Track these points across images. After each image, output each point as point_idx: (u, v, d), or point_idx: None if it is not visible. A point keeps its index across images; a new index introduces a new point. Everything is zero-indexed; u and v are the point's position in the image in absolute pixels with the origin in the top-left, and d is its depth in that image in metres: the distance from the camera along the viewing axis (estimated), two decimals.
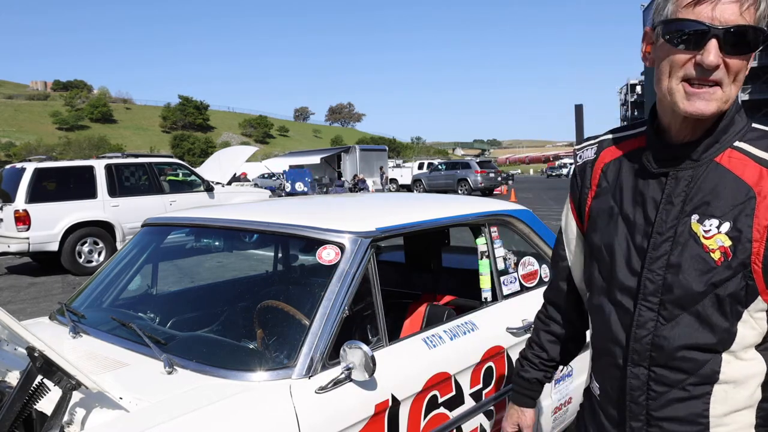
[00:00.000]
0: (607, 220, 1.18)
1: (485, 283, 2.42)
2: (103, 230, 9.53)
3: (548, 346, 1.44)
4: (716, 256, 1.03)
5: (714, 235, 1.04)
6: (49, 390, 1.51)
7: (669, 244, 1.07)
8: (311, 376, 1.67)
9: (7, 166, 10.08)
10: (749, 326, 1.06)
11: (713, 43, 0.97)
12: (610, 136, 1.26)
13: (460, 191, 26.81)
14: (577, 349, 1.48)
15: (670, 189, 1.09)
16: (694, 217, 1.06)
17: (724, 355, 1.07)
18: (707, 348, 1.06)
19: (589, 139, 1.31)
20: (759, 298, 1.04)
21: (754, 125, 1.10)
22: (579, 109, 13.66)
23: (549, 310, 1.45)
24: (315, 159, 31.68)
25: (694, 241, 1.05)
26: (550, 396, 2.48)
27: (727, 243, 1.03)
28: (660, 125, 1.12)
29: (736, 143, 1.07)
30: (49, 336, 2.02)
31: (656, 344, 1.09)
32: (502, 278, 2.44)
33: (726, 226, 1.03)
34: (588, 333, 1.35)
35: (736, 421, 1.10)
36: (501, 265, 2.46)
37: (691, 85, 1.01)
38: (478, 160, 31.59)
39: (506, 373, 2.24)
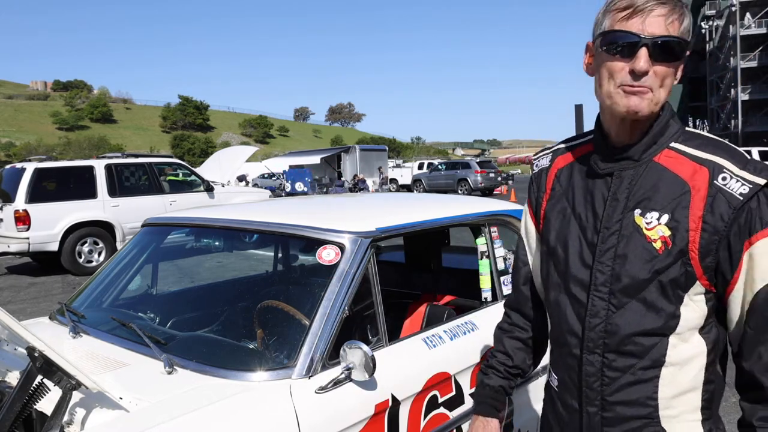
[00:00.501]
0: (561, 219, 1.29)
1: (485, 283, 2.43)
2: (103, 230, 9.54)
3: (513, 353, 1.45)
4: (658, 245, 1.14)
5: (655, 226, 1.14)
6: (49, 390, 1.52)
7: (615, 237, 1.18)
8: (311, 376, 1.67)
9: (7, 166, 10.09)
10: (690, 309, 1.15)
11: (643, 51, 1.10)
12: (563, 145, 1.38)
13: (460, 191, 26.81)
14: (540, 355, 1.49)
15: (615, 187, 1.20)
16: (637, 211, 1.17)
17: (671, 339, 1.16)
18: (654, 332, 1.15)
19: (545, 149, 1.43)
20: (697, 282, 1.14)
21: (687, 129, 1.21)
22: (579, 109, 13.66)
23: (512, 317, 1.48)
24: (315, 159, 31.67)
25: (638, 233, 1.16)
26: None
27: (667, 233, 1.13)
28: (604, 131, 1.24)
29: (672, 144, 1.19)
30: (49, 336, 2.02)
31: (609, 331, 1.18)
32: (502, 278, 2.44)
33: (665, 218, 1.14)
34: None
35: (683, 403, 1.18)
36: (501, 265, 2.46)
37: (627, 87, 1.14)
38: (478, 160, 31.59)
39: None
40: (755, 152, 22.94)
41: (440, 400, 1.96)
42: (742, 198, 1.09)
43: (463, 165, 29.43)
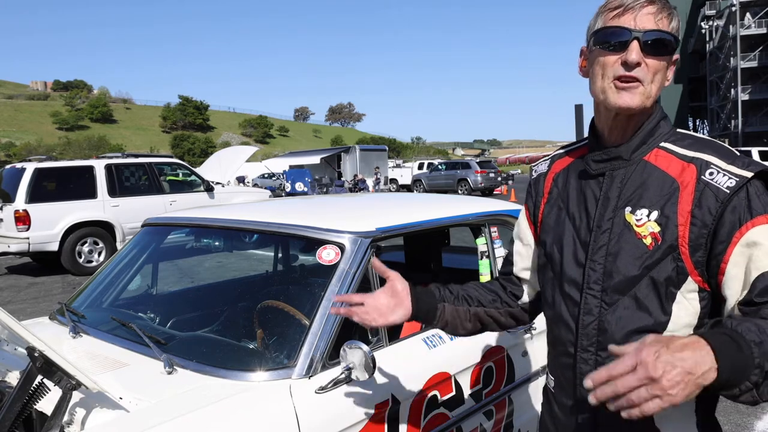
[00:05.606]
0: (557, 221, 1.32)
1: None
2: (103, 230, 9.54)
3: (467, 290, 1.46)
4: (648, 241, 1.16)
5: (645, 222, 1.17)
6: (49, 390, 1.52)
7: (607, 235, 1.20)
8: (311, 376, 1.67)
9: (7, 166, 10.08)
10: (683, 307, 1.15)
11: (635, 44, 1.14)
12: (561, 150, 1.42)
13: (460, 191, 26.80)
14: (470, 329, 1.47)
15: (606, 186, 1.23)
16: (627, 209, 1.19)
17: None
18: (645, 329, 1.16)
19: (545, 156, 1.46)
20: (689, 278, 1.14)
21: (678, 130, 1.24)
22: (579, 109, 13.68)
23: (491, 284, 1.52)
24: (315, 159, 31.67)
25: (628, 230, 1.18)
26: None
27: (657, 229, 1.15)
28: (597, 132, 1.28)
29: (662, 144, 1.21)
30: (49, 336, 2.02)
31: (601, 329, 1.20)
32: None
33: (655, 214, 1.16)
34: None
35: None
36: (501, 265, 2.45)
37: (619, 83, 1.17)
38: (478, 160, 31.56)
39: (506, 373, 2.24)
40: (755, 152, 22.91)
41: (440, 400, 1.96)
42: (728, 191, 1.10)
43: (463, 165, 29.39)
